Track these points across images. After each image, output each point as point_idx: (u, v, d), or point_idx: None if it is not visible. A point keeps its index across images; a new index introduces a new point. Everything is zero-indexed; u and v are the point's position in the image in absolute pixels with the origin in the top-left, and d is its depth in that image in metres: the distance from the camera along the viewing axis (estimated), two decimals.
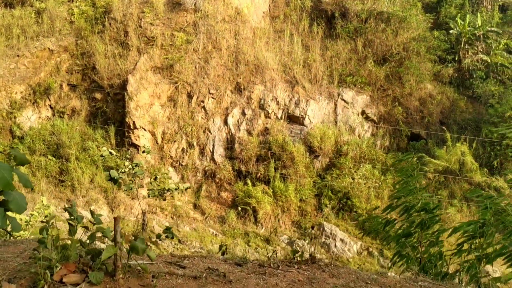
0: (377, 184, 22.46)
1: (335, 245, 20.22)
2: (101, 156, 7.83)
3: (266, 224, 21.88)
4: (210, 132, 25.26)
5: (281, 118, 25.06)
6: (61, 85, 26.76)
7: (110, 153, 7.38)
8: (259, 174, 23.78)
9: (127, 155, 23.07)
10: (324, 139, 23.45)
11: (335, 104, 25.16)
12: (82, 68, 26.85)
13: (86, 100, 26.44)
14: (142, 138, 24.59)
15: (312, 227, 21.49)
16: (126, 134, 24.65)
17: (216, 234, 21.49)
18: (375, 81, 25.83)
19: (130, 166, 7.49)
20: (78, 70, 26.97)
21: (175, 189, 7.73)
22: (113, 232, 3.78)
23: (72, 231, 4.36)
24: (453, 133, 23.45)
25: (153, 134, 24.87)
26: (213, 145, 25.11)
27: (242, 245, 20.25)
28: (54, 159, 23.75)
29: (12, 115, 25.36)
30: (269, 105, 25.05)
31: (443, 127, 24.02)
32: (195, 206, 23.71)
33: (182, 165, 25.23)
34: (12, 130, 25.34)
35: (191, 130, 25.08)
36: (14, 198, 3.60)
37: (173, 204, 23.56)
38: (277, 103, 25.15)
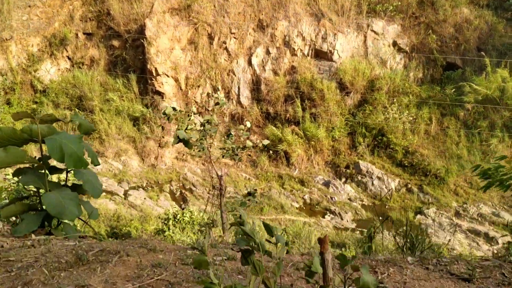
0: (412, 119, 21.55)
1: (372, 183, 19.77)
2: (164, 114, 6.81)
3: (299, 166, 21.44)
4: (234, 74, 24.31)
5: (307, 54, 23.86)
6: (76, 35, 25.79)
7: (174, 109, 6.63)
8: (288, 115, 23.04)
9: (190, 112, 22.51)
10: (355, 74, 22.33)
11: (365, 36, 23.73)
12: (96, 14, 25.72)
13: (104, 48, 25.52)
14: (166, 85, 23.85)
15: (347, 167, 20.97)
16: (149, 81, 23.90)
17: (249, 178, 21.21)
18: (407, 8, 24.12)
19: (195, 122, 6.79)
20: (92, 17, 25.87)
21: (253, 147, 7.01)
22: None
23: None
24: (492, 58, 22.02)
25: (176, 80, 24.06)
26: (239, 88, 24.26)
27: (277, 188, 19.94)
28: (79, 111, 23.31)
29: (32, 69, 24.73)
30: (294, 42, 23.78)
31: (481, 53, 22.55)
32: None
33: (208, 110, 24.56)
34: (33, 85, 24.82)
35: (215, 73, 24.18)
36: (87, 179, 2.98)
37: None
38: (303, 39, 23.84)
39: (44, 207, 3.08)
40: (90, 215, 3.16)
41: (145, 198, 18.74)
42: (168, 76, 23.83)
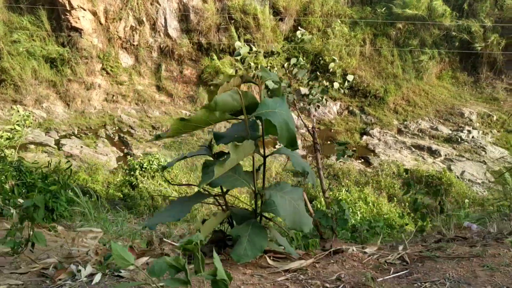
0: (346, 40, 21.56)
1: (315, 109, 19.80)
2: (238, 55, 5.49)
3: None
4: (159, 3, 22.35)
5: None
6: None
7: (250, 48, 5.47)
8: (222, 45, 21.95)
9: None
10: None
11: None
12: None
13: None
14: (83, 20, 21.35)
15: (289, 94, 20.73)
16: (63, 16, 21.22)
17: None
18: None
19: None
20: None
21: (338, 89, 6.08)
22: None
23: None
24: None
25: (94, 14, 21.61)
26: (165, 19, 22.47)
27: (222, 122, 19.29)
28: None
29: None
30: None
31: None
32: (159, 88, 21.94)
33: (133, 45, 22.66)
34: None
35: (137, 3, 22.03)
36: (297, 162, 2.25)
37: (134, 89, 21.62)
38: None
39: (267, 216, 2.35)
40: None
41: (81, 147, 17.24)
42: (84, 9, 21.29)
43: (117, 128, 19.42)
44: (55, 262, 2.11)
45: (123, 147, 17.75)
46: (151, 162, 9.89)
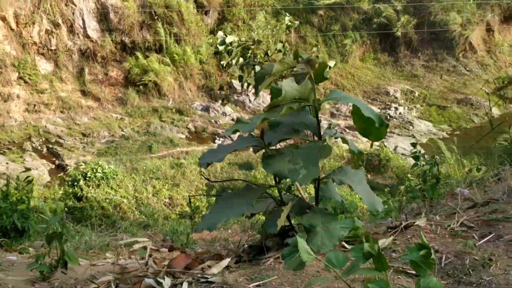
0: (272, 30, 21.83)
1: (250, 100, 19.98)
2: (218, 46, 5.01)
3: (173, 96, 20.42)
4: (74, 4, 21.19)
5: None
6: None
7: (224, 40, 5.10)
8: (147, 43, 21.32)
9: None
10: None
11: None
12: None
13: None
14: None
15: (221, 88, 20.70)
16: None
17: (121, 118, 19.54)
18: None
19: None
20: None
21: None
22: None
23: None
24: None
25: (3, 19, 20.01)
26: (83, 20, 21.37)
27: (156, 123, 18.84)
28: None
29: None
30: None
31: None
32: (84, 93, 20.87)
33: (51, 50, 21.33)
34: None
35: (50, 5, 20.73)
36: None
37: (56, 96, 20.40)
38: None
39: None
40: None
41: (7, 163, 15.99)
42: None
43: (44, 139, 18.23)
44: (112, 279, 1.94)
45: (54, 159, 16.69)
46: (94, 170, 9.41)
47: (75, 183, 9.13)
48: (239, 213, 2.06)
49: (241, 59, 4.63)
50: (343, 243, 2.06)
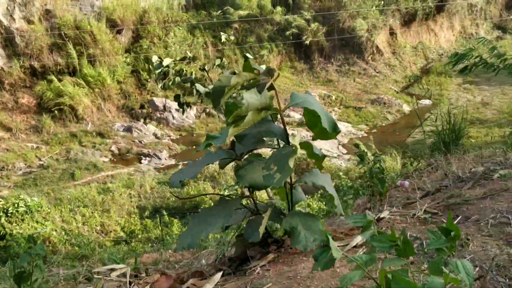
0: (189, 46, 21.87)
1: (173, 117, 19.79)
2: (157, 68, 4.70)
3: (91, 119, 19.66)
4: None
5: None
6: None
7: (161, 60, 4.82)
8: (59, 67, 20.38)
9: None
10: (123, 10, 20.96)
11: None
12: None
13: None
14: None
15: (142, 107, 20.28)
16: None
17: (38, 147, 18.44)
18: None
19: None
20: None
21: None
22: None
23: None
24: None
25: None
26: None
27: (76, 148, 18.00)
28: None
29: None
30: None
31: None
32: None
33: None
34: None
35: None
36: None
37: None
38: None
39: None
40: None
41: None
42: None
43: None
44: None
45: None
46: (16, 205, 8.77)
47: None
48: (217, 227, 2.05)
49: (177, 78, 4.62)
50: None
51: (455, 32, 29.24)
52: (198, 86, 4.51)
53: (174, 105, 20.03)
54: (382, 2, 23.95)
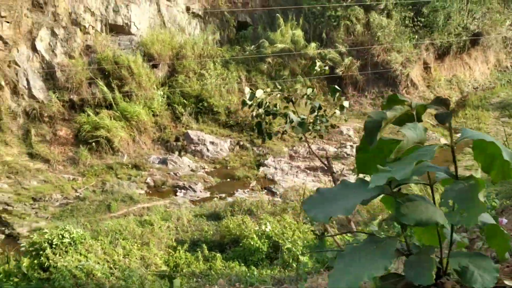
0: (223, 80, 22.12)
1: (207, 149, 19.78)
2: (251, 99, 4.65)
3: (127, 151, 19.84)
4: (17, 65, 20.50)
5: (102, 31, 21.75)
6: None
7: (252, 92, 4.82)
8: (97, 100, 20.83)
9: None
10: (160, 46, 21.47)
11: (158, 5, 22.84)
12: None
13: None
14: None
15: (177, 139, 20.40)
16: None
17: (74, 178, 18.63)
18: None
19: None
20: None
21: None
22: None
23: None
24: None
25: None
26: (27, 80, 20.66)
27: (112, 180, 18.10)
28: None
29: None
30: (83, 18, 21.33)
31: (277, 15, 24.04)
32: (32, 156, 19.83)
33: None
34: None
35: None
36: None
37: (2, 161, 19.22)
38: (92, 14, 21.55)
39: None
40: None
41: None
42: None
43: None
44: None
45: (3, 228, 15.47)
46: (61, 236, 8.69)
47: (40, 252, 8.35)
48: (379, 268, 1.76)
49: (260, 109, 4.55)
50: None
51: (490, 65, 28.81)
52: (291, 115, 4.38)
53: (208, 137, 20.12)
54: (416, 36, 23.88)
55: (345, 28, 23.27)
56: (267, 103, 4.70)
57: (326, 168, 16.73)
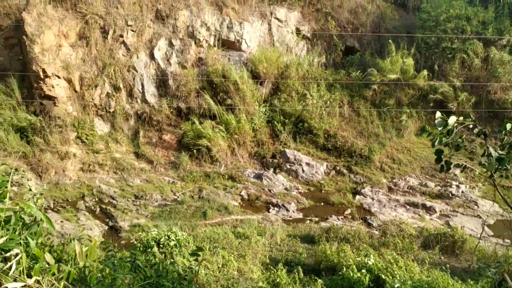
0: (325, 102, 21.94)
1: (303, 170, 19.64)
2: (441, 126, 4.61)
3: (225, 162, 20.36)
4: (135, 70, 22.08)
5: (214, 45, 22.74)
6: None
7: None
8: (202, 110, 21.72)
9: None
10: (267, 63, 21.93)
11: (269, 24, 23.44)
12: None
13: None
14: (57, 88, 20.60)
15: (274, 156, 20.53)
16: (35, 85, 20.38)
17: (173, 182, 19.47)
18: None
19: None
20: None
21: None
22: None
23: None
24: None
25: (69, 81, 20.95)
26: (142, 85, 22.14)
27: (208, 188, 18.61)
28: None
29: None
30: (199, 32, 22.46)
31: (389, 41, 23.57)
32: (138, 155, 21.11)
33: (109, 112, 21.99)
34: None
35: (113, 70, 21.64)
36: None
37: (111, 157, 20.68)
38: (207, 29, 22.64)
39: None
40: None
41: (62, 221, 15.89)
42: (59, 77, 20.61)
43: (97, 199, 18.23)
44: None
45: (107, 220, 16.53)
46: (168, 237, 9.00)
47: (148, 249, 8.71)
48: None
49: (448, 138, 4.37)
50: None
51: None
52: (491, 149, 4.14)
53: (305, 158, 20.00)
54: None
55: (460, 62, 22.07)
56: (454, 132, 4.46)
57: (424, 206, 15.74)
